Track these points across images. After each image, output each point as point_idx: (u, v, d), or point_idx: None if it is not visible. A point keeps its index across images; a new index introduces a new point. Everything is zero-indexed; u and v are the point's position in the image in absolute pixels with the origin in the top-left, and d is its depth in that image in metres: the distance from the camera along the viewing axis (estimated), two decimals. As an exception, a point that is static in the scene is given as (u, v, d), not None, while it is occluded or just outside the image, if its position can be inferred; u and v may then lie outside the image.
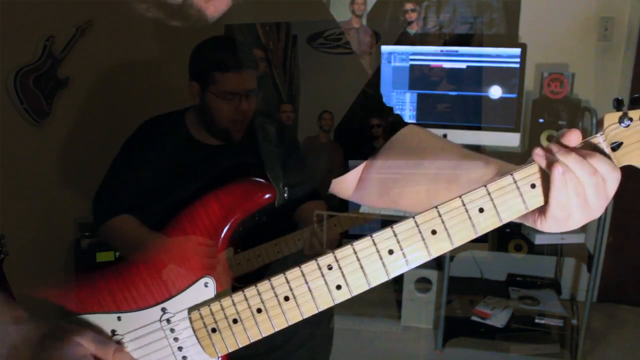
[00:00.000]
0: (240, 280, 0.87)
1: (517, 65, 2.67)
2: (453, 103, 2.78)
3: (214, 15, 0.67)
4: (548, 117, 2.73)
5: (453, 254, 2.69)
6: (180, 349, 0.76)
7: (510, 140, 2.70)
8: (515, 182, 0.66)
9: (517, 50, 2.67)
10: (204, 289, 0.76)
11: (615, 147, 0.65)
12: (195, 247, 0.78)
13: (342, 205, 2.97)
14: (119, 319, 0.76)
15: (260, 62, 1.11)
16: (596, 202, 0.63)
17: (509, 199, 0.67)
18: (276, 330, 0.72)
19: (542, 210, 0.67)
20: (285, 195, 0.87)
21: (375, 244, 0.69)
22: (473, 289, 3.08)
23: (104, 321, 0.76)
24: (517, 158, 3.05)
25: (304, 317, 0.71)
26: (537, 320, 2.78)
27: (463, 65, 2.75)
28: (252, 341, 0.73)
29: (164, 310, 0.76)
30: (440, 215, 0.67)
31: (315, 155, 1.08)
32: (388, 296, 3.31)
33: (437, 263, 3.01)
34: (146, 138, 1.23)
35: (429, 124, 2.76)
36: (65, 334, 0.70)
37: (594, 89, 2.93)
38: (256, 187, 0.80)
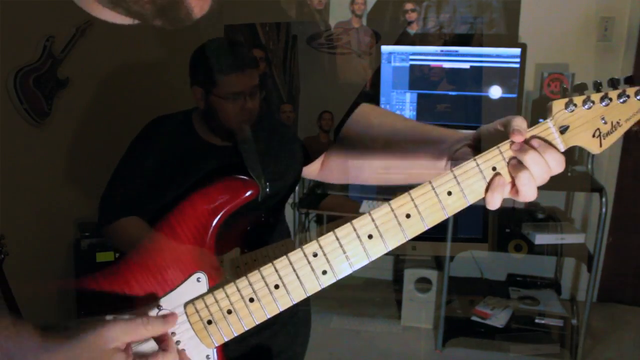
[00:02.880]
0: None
1: (517, 65, 2.67)
2: (453, 103, 2.78)
3: (197, 17, 0.66)
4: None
5: (453, 254, 2.69)
6: (177, 342, 0.78)
7: (510, 140, 2.70)
8: (478, 166, 0.72)
9: (517, 50, 2.67)
10: (197, 283, 0.78)
11: (563, 130, 0.72)
12: (185, 244, 0.80)
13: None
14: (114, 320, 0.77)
15: (260, 62, 1.11)
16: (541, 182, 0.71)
17: (473, 182, 0.72)
18: (268, 317, 0.76)
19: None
20: (267, 190, 0.90)
21: (355, 230, 0.73)
22: (473, 289, 3.08)
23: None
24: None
25: (294, 303, 0.75)
26: (537, 320, 2.79)
27: (463, 65, 2.75)
28: (246, 329, 0.76)
29: (159, 307, 0.78)
30: (412, 200, 0.72)
31: (315, 155, 1.08)
32: (388, 296, 3.31)
33: (437, 263, 3.01)
34: (152, 138, 1.23)
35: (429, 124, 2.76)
36: (91, 332, 0.67)
37: (594, 89, 2.92)
38: (239, 184, 0.84)
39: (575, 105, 0.72)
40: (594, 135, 0.73)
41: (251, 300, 0.75)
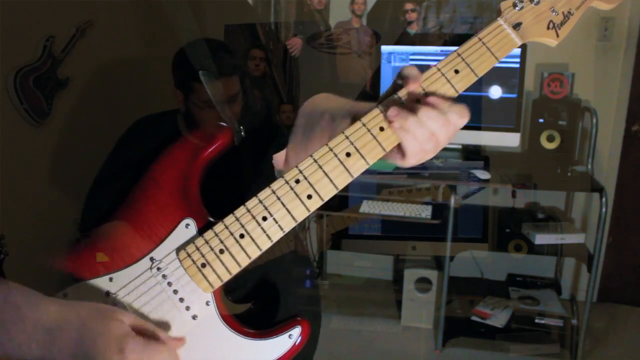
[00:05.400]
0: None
1: (517, 65, 2.67)
2: (453, 103, 2.78)
3: None
4: (548, 117, 2.73)
5: (453, 254, 2.69)
6: (175, 292, 0.78)
7: (510, 140, 2.70)
8: (364, 125, 0.72)
9: (517, 50, 2.67)
10: (186, 230, 0.79)
11: (516, 26, 0.77)
12: (169, 193, 0.81)
13: (342, 203, 2.95)
14: (110, 280, 0.78)
15: (260, 62, 1.12)
16: (446, 138, 0.71)
17: (366, 142, 0.72)
18: (262, 251, 0.76)
19: (401, 154, 0.72)
20: (243, 133, 0.91)
21: (332, 150, 0.73)
22: (473, 289, 3.08)
23: (97, 286, 0.78)
24: (517, 158, 3.05)
25: (285, 232, 0.75)
26: (537, 320, 2.78)
27: (463, 65, 2.75)
28: (242, 267, 0.76)
29: (152, 259, 0.78)
30: (382, 112, 0.72)
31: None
32: (388, 296, 3.31)
33: (437, 263, 3.01)
34: (137, 138, 1.23)
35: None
36: (107, 313, 0.71)
37: (594, 89, 2.93)
38: (213, 129, 0.85)
39: (522, 1, 0.76)
40: (548, 27, 0.78)
41: (241, 236, 0.75)
